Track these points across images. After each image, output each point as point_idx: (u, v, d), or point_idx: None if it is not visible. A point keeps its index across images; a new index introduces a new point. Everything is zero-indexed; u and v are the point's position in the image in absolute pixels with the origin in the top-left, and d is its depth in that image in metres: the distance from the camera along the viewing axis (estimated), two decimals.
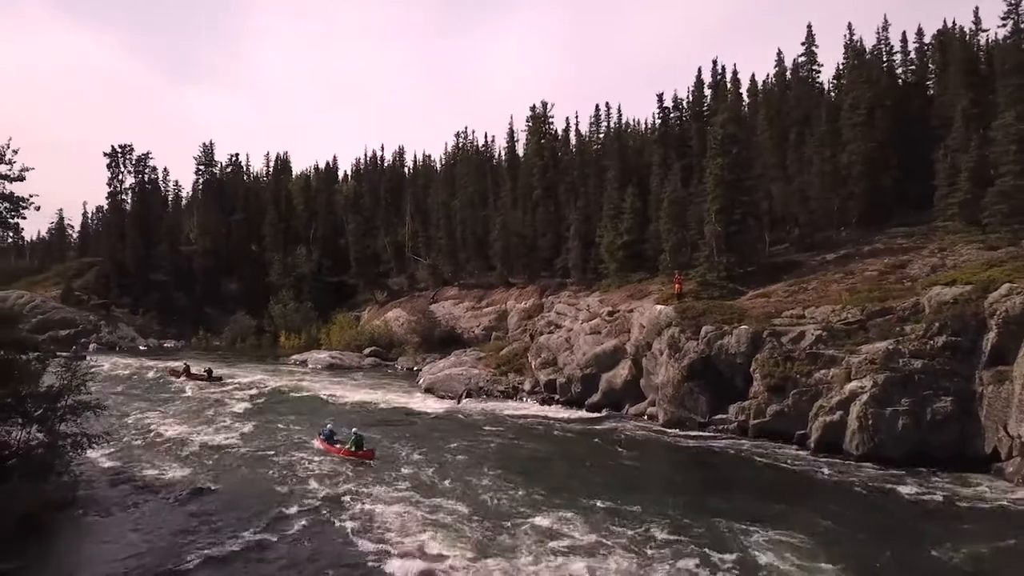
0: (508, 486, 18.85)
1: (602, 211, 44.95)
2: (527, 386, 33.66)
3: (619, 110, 53.07)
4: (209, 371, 39.72)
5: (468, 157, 67.13)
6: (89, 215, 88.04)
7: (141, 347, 55.36)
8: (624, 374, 30.61)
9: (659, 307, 30.20)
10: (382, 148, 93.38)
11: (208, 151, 73.86)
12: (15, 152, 20.03)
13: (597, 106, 53.51)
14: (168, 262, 67.03)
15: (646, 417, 29.10)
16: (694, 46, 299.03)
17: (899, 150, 36.23)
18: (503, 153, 66.82)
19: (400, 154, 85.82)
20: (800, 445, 23.57)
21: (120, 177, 66.98)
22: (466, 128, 66.65)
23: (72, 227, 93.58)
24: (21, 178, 20.49)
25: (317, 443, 23.81)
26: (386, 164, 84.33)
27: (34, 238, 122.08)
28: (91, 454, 19.79)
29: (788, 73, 46.07)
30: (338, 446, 22.86)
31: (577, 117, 57.81)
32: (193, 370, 40.34)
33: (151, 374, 42.59)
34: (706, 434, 25.93)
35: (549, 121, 56.31)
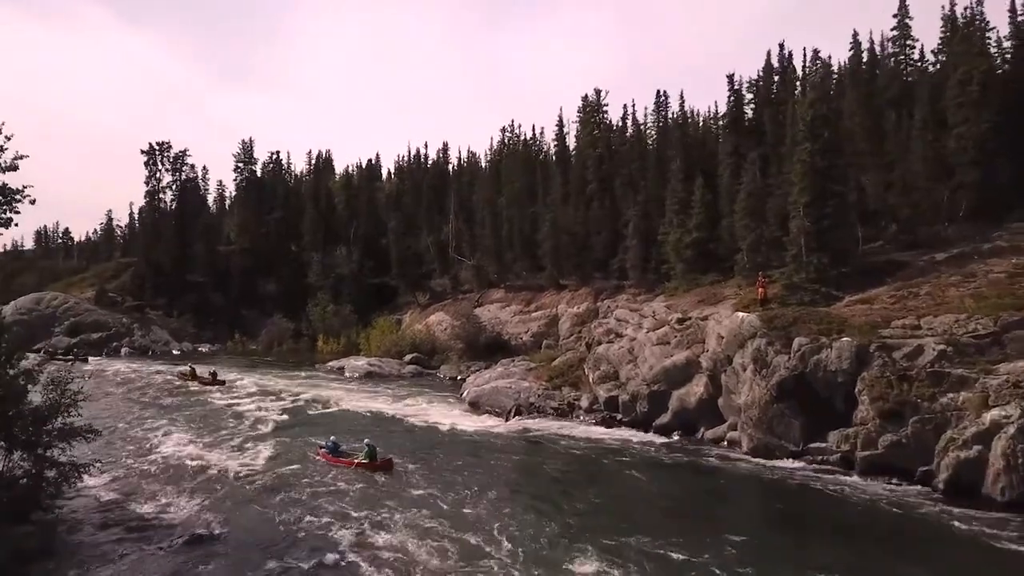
0: (571, 527, 15.83)
1: (664, 206, 41.31)
2: (584, 403, 30.26)
3: (681, 96, 49.00)
4: (213, 374, 39.77)
5: (515, 152, 64.03)
6: (135, 215, 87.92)
7: (174, 351, 53.89)
8: (699, 392, 26.98)
9: (740, 315, 26.44)
10: (425, 146, 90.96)
11: (247, 148, 72.52)
12: (7, 139, 17.77)
13: (658, 92, 49.73)
14: (205, 262, 65.75)
15: (726, 443, 25.45)
16: (747, 35, 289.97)
17: (1018, 133, 31.51)
18: (552, 147, 63.59)
19: (444, 150, 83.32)
20: (924, 484, 19.65)
21: (157, 175, 66.09)
22: (512, 121, 63.69)
23: (121, 227, 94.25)
24: (14, 167, 18.23)
25: (320, 457, 22.77)
26: (429, 162, 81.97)
27: (82, 239, 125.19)
28: (87, 480, 17.30)
29: (873, 50, 41.44)
30: (347, 458, 22.14)
31: (634, 105, 52.86)
32: (198, 372, 40.49)
33: (159, 379, 40.77)
34: (800, 465, 22.18)
35: (603, 110, 52.83)
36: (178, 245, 64.46)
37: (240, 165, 72.78)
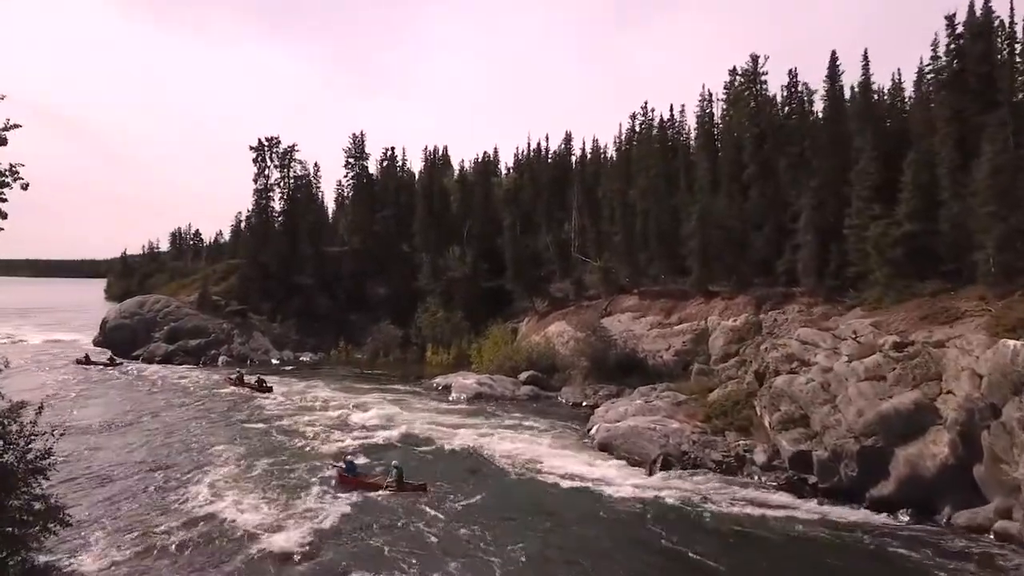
0: None
1: (847, 193, 32.77)
2: (760, 457, 22.66)
3: (865, 56, 39.51)
4: (260, 381, 39.48)
5: (648, 137, 56.34)
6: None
7: (274, 360, 50.75)
8: (940, 453, 18.87)
9: (1012, 344, 18.02)
10: (547, 138, 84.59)
11: (358, 142, 69.28)
12: None
13: (832, 55, 40.38)
14: (313, 264, 62.97)
15: (992, 535, 17.39)
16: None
17: None
18: (693, 129, 55.40)
19: (567, 140, 76.78)
20: None
21: (266, 172, 63.95)
22: (645, 104, 55.84)
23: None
24: (2, 141, 13.82)
25: (336, 477, 22.24)
26: (550, 155, 75.78)
27: (210, 240, 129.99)
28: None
29: None
30: (367, 478, 22.14)
31: (795, 75, 43.63)
32: (245, 379, 40.14)
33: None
34: None
35: (761, 81, 44.15)
36: (286, 245, 62.04)
37: (351, 161, 69.79)
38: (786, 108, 43.17)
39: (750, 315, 36.03)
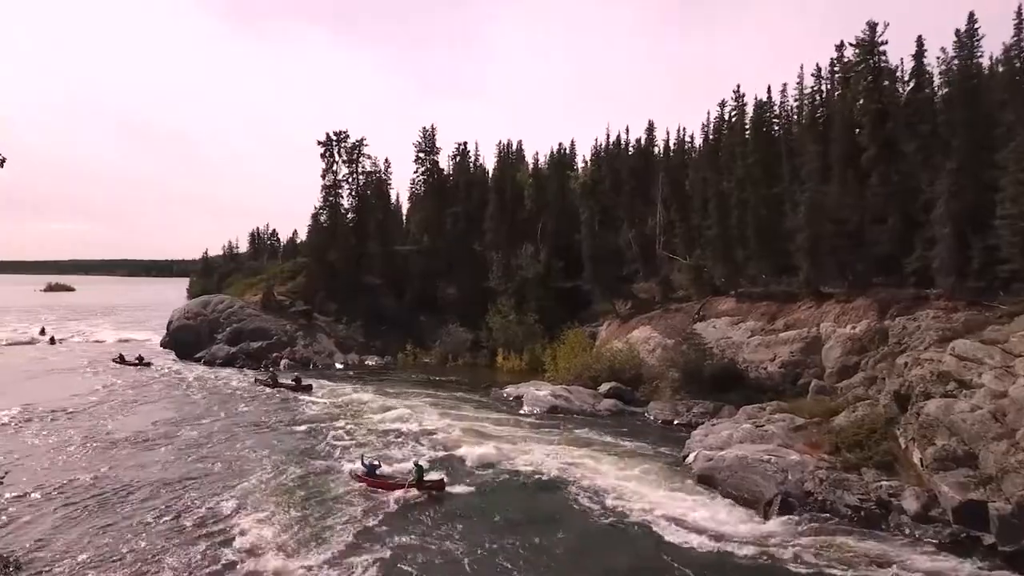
0: None
1: (1007, 174, 27.36)
2: (910, 504, 17.98)
3: (1019, 14, 33.54)
4: (298, 379, 39.58)
5: (741, 123, 51.14)
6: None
7: (338, 364, 48.46)
8: None
9: None
10: (627, 130, 79.40)
11: (429, 136, 66.82)
12: None
13: (971, 16, 34.60)
14: (381, 262, 60.77)
15: None
16: None
17: None
18: (793, 111, 49.87)
19: (649, 130, 71.94)
20: None
21: (334, 168, 62.16)
22: (737, 87, 50.62)
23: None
24: None
25: (355, 478, 22.25)
26: (630, 148, 71.18)
27: (286, 240, 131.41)
28: None
29: None
30: (388, 481, 21.89)
31: (922, 44, 37.82)
32: (280, 379, 40.36)
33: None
34: None
35: (879, 52, 38.57)
36: (354, 243, 60.09)
37: (421, 155, 67.37)
38: (912, 81, 37.52)
39: (872, 321, 30.88)
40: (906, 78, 39.41)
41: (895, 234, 33.25)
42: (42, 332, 65.56)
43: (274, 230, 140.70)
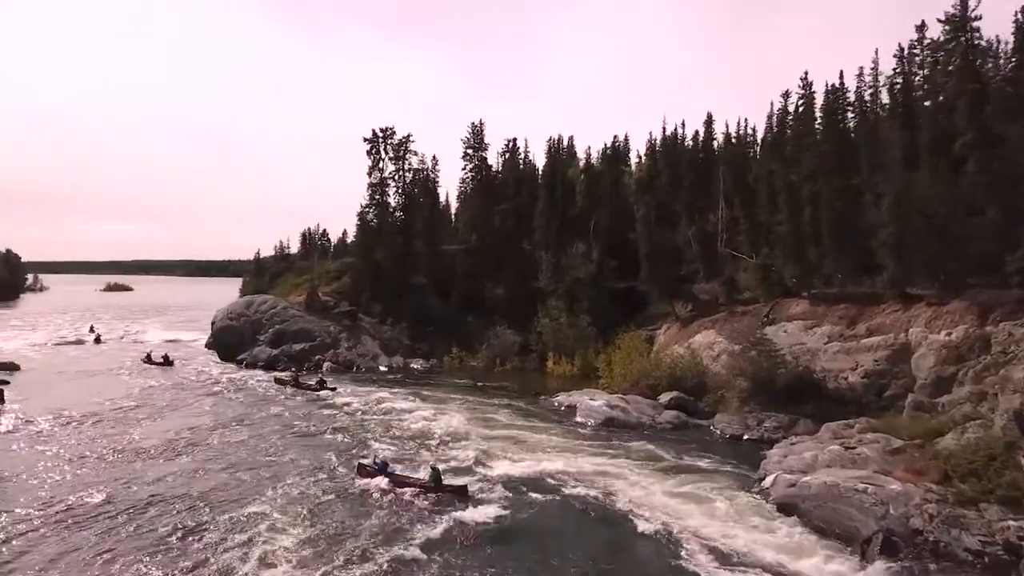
0: None
1: None
2: None
3: None
4: (321, 381, 39.21)
5: (808, 113, 47.54)
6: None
7: (382, 367, 46.81)
8: None
9: None
10: (683, 124, 76.00)
11: (477, 131, 64.91)
12: None
13: None
14: (427, 262, 59.08)
15: None
16: None
17: None
18: (868, 97, 46.00)
19: (708, 123, 68.43)
20: None
21: (380, 165, 60.77)
22: (805, 75, 46.95)
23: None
24: None
25: (364, 474, 22.26)
26: (687, 141, 67.86)
27: (336, 240, 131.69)
28: None
29: None
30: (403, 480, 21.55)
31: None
32: (301, 379, 40.05)
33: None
34: None
35: (972, 28, 34.83)
36: (400, 242, 58.55)
37: (469, 152, 65.52)
38: (1015, 58, 33.77)
39: (971, 327, 27.44)
40: (1004, 55, 35.72)
41: (995, 228, 29.69)
42: (91, 330, 66.47)
43: (324, 230, 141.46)
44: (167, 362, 47.29)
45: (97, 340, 61.77)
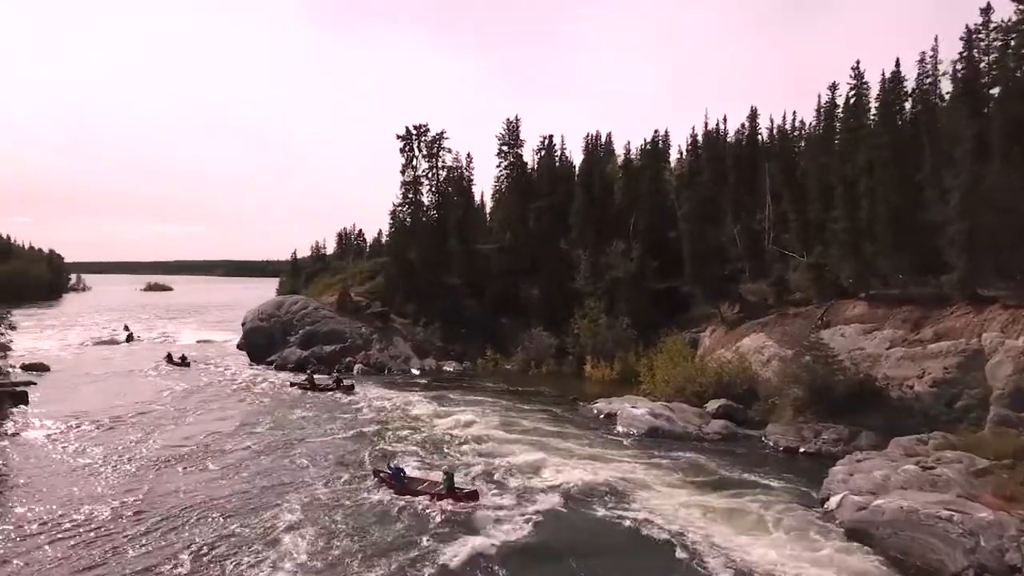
0: None
1: None
2: None
3: None
4: (338, 380, 38.95)
5: (860, 104, 44.94)
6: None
7: (414, 370, 45.63)
8: None
9: None
10: (724, 120, 73.53)
11: (513, 128, 63.41)
12: None
13: None
14: (461, 261, 57.77)
15: None
16: None
17: None
18: (924, 84, 43.16)
19: (752, 117, 65.83)
20: None
21: (413, 163, 59.63)
22: (857, 63, 44.38)
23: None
24: None
25: (381, 481, 21.67)
26: (730, 136, 65.38)
27: (372, 240, 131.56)
28: None
29: None
30: (416, 485, 21.13)
31: None
32: (316, 380, 39.67)
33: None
34: None
35: None
36: (433, 241, 57.35)
37: (504, 149, 64.08)
38: None
39: None
40: None
41: None
42: (125, 329, 67.12)
43: (360, 230, 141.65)
44: (183, 363, 47.19)
45: (129, 339, 62.26)
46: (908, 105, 42.10)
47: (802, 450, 26.39)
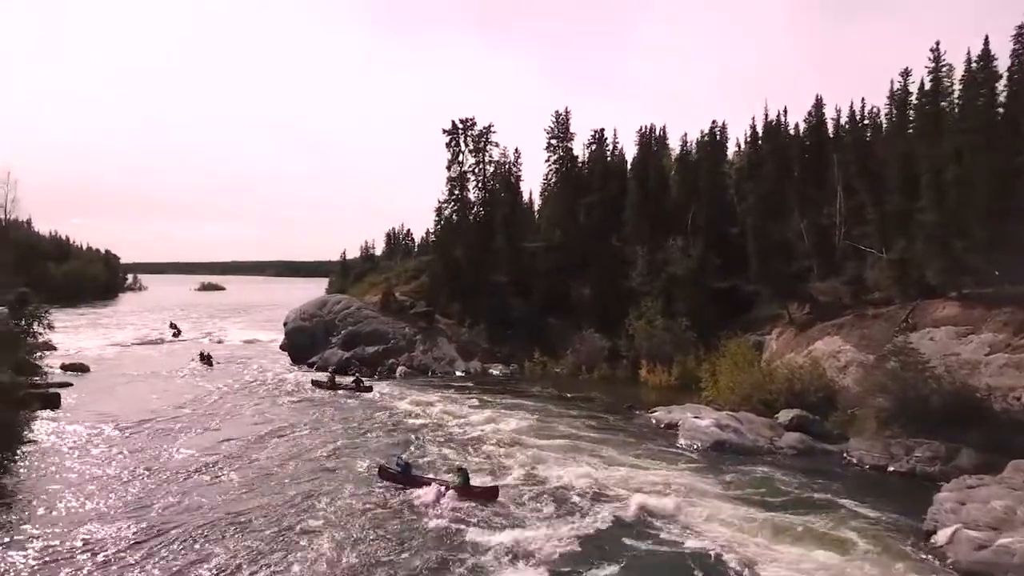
0: None
1: None
2: None
3: None
4: (358, 380, 38.30)
5: (940, 88, 41.23)
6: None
7: (459, 372, 43.78)
8: None
9: None
10: (784, 111, 69.69)
11: (562, 121, 61.11)
12: None
13: None
14: (508, 259, 55.75)
15: None
16: None
17: None
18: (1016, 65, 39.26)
19: (818, 106, 61.99)
20: None
21: (460, 158, 57.88)
22: (936, 45, 40.77)
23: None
24: None
25: (386, 477, 21.23)
26: (793, 128, 61.75)
27: (420, 239, 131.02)
28: None
29: None
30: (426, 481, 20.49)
31: None
32: (338, 380, 39.01)
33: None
34: None
35: None
36: (479, 239, 55.49)
37: (553, 142, 61.84)
38: None
39: None
40: None
41: None
42: (171, 326, 67.74)
43: (408, 229, 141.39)
44: (208, 362, 46.62)
45: (176, 334, 63.12)
46: (1001, 84, 38.49)
47: (891, 468, 23.45)
